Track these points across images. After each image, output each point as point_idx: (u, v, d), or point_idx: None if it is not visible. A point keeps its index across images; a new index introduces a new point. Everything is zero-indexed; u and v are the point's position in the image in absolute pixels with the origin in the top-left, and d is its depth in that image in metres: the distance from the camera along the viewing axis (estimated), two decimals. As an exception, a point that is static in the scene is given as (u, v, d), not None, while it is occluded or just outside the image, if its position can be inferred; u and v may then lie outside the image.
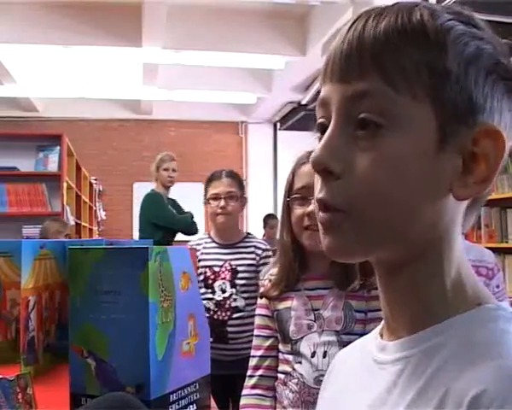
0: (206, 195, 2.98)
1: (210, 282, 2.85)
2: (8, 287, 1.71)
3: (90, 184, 9.20)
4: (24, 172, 5.90)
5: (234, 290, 2.83)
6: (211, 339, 2.79)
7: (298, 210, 1.78)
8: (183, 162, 10.00)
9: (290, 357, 1.76)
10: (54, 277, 1.69)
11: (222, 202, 2.87)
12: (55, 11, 6.14)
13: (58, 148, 6.04)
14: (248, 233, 3.08)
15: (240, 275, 2.85)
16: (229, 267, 2.86)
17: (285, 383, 1.76)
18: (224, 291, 2.83)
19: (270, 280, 1.88)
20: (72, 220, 6.36)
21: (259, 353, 1.87)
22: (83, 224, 7.83)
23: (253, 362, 1.88)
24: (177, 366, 1.10)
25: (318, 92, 0.69)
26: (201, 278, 2.85)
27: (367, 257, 0.67)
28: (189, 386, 1.16)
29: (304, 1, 6.09)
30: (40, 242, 1.67)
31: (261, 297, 1.90)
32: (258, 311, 1.93)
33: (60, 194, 5.94)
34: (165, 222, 5.16)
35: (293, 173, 1.84)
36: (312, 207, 1.73)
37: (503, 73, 0.63)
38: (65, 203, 6.01)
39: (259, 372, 1.85)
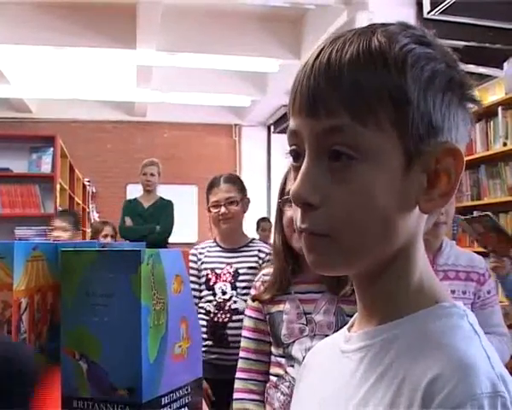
0: (207, 202, 2.99)
1: (211, 284, 2.86)
2: (0, 288, 1.70)
3: (84, 186, 9.19)
4: (17, 174, 5.89)
5: (234, 292, 2.82)
6: (210, 342, 2.79)
7: (289, 212, 1.78)
8: (176, 165, 10.03)
9: (282, 360, 1.76)
10: (46, 278, 1.68)
11: (222, 209, 2.88)
12: (49, 12, 6.13)
13: (51, 149, 6.03)
14: (253, 239, 3.09)
15: (241, 277, 2.85)
16: (230, 270, 2.87)
17: (276, 386, 1.76)
18: (224, 293, 2.83)
19: (262, 283, 1.88)
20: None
21: (253, 356, 1.86)
22: (76, 225, 7.81)
23: (245, 365, 1.87)
24: (169, 368, 1.09)
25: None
26: (203, 280, 2.89)
27: (348, 272, 0.73)
28: (180, 389, 1.15)
29: (298, 4, 6.10)
30: (33, 243, 1.67)
31: (253, 300, 1.90)
32: (248, 313, 1.92)
33: (53, 195, 5.93)
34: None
35: (286, 176, 1.84)
36: None
37: (456, 89, 0.69)
38: (58, 205, 5.99)
39: (253, 376, 1.84)
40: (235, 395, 1.86)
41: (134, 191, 10.10)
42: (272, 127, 10.29)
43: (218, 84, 8.32)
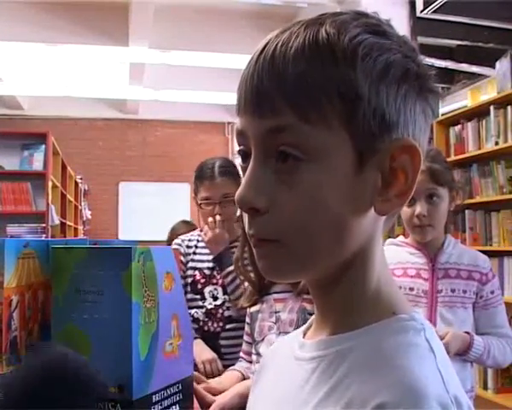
0: (196, 194, 2.56)
1: (200, 287, 2.46)
2: (-9, 286, 1.69)
3: (76, 184, 9.16)
4: (9, 171, 5.87)
5: (227, 298, 2.42)
6: None
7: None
8: (168, 162, 10.03)
9: (255, 357, 1.83)
10: (37, 276, 1.67)
11: (217, 209, 2.44)
12: (41, 9, 6.11)
13: (43, 146, 6.01)
14: None
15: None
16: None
17: None
18: (215, 298, 2.44)
19: (244, 290, 1.96)
20: (56, 220, 6.33)
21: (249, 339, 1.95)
22: (68, 223, 7.80)
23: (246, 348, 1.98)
24: (160, 366, 1.09)
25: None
26: (190, 281, 2.48)
27: (301, 278, 0.71)
28: (172, 387, 1.15)
29: (291, 2, 6.10)
30: (24, 240, 1.66)
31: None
32: (246, 318, 1.99)
33: (45, 193, 5.91)
34: None
35: None
36: None
37: (413, 79, 0.64)
38: (50, 202, 5.98)
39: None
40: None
41: (126, 189, 10.12)
42: (264, 125, 10.29)
43: (211, 82, 8.30)
